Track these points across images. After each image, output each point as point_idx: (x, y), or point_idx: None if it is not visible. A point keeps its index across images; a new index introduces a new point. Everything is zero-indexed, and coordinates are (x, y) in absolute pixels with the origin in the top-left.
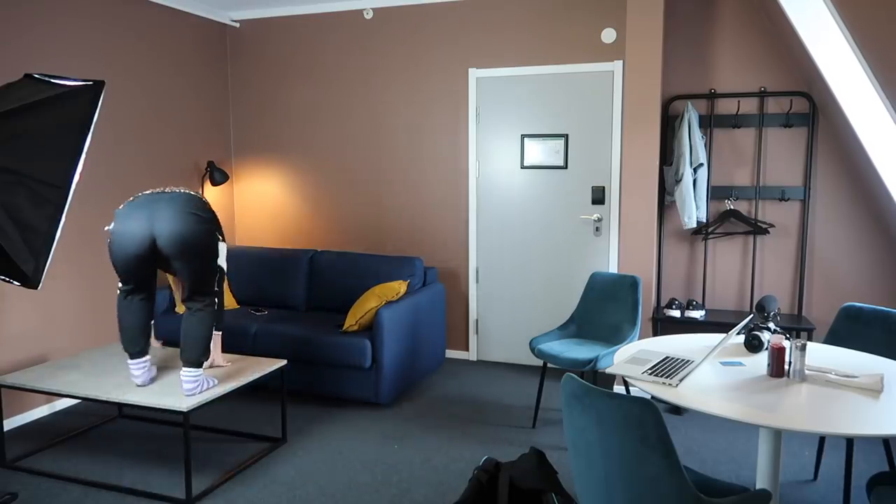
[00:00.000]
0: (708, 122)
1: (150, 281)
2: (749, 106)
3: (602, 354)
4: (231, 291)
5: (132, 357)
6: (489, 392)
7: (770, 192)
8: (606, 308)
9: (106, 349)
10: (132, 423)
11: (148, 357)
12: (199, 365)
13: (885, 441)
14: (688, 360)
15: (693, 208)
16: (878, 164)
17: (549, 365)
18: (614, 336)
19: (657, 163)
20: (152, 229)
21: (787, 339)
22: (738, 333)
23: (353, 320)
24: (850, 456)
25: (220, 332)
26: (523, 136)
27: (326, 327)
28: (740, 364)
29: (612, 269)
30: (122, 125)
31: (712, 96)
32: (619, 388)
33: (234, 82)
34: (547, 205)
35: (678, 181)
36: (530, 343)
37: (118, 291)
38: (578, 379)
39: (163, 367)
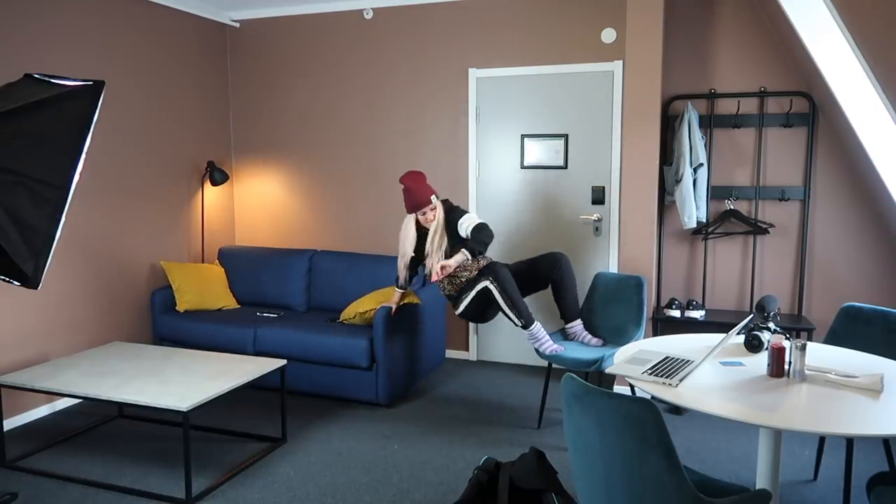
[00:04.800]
0: (708, 122)
1: None
2: (749, 106)
3: (607, 355)
4: (232, 291)
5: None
6: (489, 392)
7: (770, 192)
8: (611, 308)
9: (106, 349)
10: (132, 423)
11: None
12: (522, 326)
13: (885, 441)
14: (688, 360)
15: (693, 208)
16: (878, 164)
17: (553, 365)
18: (619, 336)
19: (657, 163)
20: None
21: (787, 339)
22: (738, 333)
23: (351, 313)
24: (850, 456)
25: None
26: (523, 136)
27: (326, 327)
28: (740, 364)
29: (612, 269)
30: (122, 125)
31: (712, 96)
32: (620, 388)
33: (234, 82)
34: (547, 205)
35: (678, 181)
36: None
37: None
38: (578, 379)
39: (162, 366)
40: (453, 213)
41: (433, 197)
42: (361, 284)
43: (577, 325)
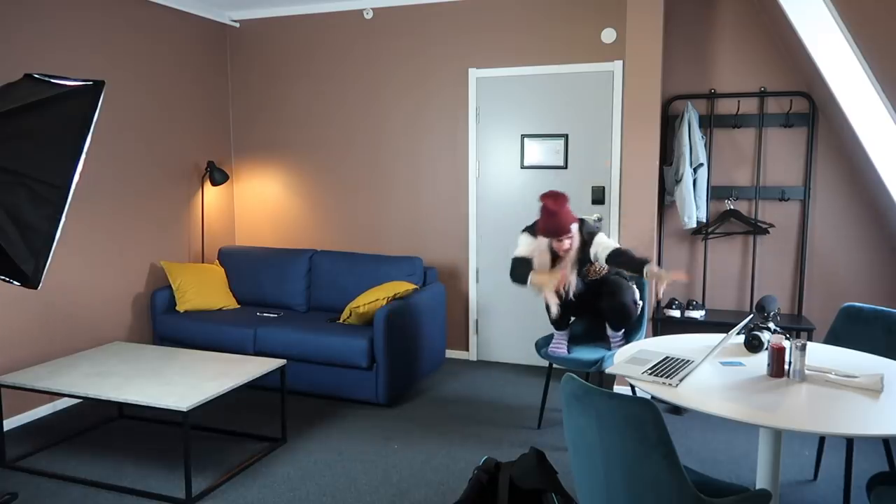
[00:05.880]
0: (708, 122)
1: None
2: (749, 106)
3: (608, 355)
4: (232, 291)
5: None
6: (489, 392)
7: (770, 192)
8: None
9: (106, 349)
10: (132, 423)
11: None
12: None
13: (885, 441)
14: (688, 360)
15: (693, 208)
16: (878, 164)
17: (554, 366)
18: None
19: (657, 163)
20: None
21: (787, 339)
22: (738, 333)
23: (347, 312)
24: (850, 456)
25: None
26: (523, 136)
27: (326, 327)
28: (740, 364)
29: None
30: (122, 125)
31: (712, 96)
32: (620, 389)
33: (234, 82)
34: None
35: (678, 181)
36: (536, 344)
37: None
38: (578, 379)
39: (163, 366)
40: (586, 235)
41: (574, 225)
42: (361, 284)
43: (620, 335)
